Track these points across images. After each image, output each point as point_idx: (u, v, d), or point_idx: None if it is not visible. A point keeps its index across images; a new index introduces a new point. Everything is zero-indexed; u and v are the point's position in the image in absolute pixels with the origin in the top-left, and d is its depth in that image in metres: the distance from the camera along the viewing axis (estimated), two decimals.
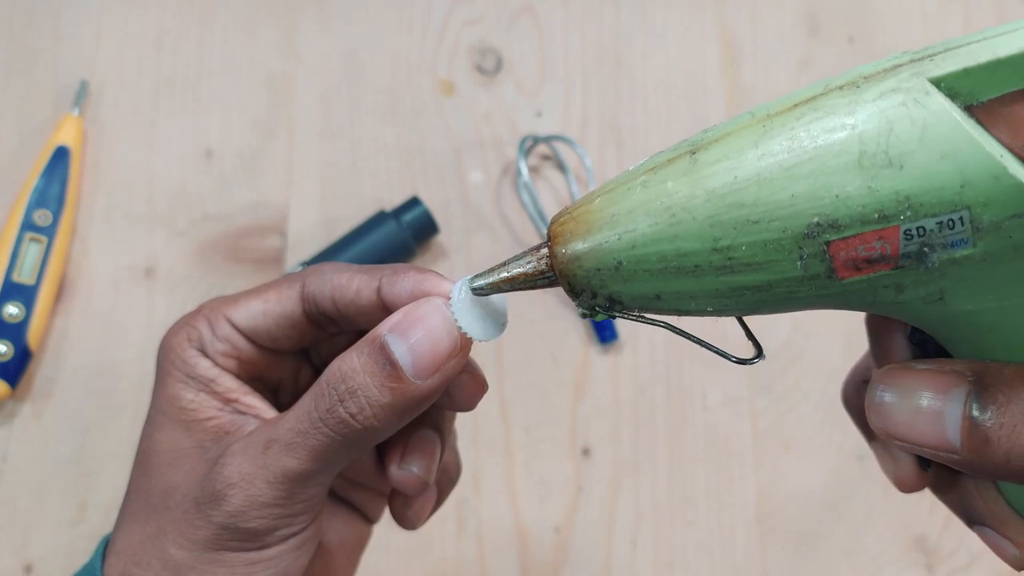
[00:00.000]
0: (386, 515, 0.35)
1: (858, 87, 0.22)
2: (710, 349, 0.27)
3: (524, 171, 0.59)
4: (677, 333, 0.27)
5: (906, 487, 0.28)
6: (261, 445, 0.29)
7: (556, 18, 0.64)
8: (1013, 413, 0.22)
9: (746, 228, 0.23)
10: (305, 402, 0.29)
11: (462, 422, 0.57)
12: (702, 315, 0.25)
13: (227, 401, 0.32)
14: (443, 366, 0.28)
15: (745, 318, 0.26)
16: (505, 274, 0.27)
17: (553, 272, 0.26)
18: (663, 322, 0.27)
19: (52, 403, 0.56)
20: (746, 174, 0.23)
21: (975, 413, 0.23)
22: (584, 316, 0.26)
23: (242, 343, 0.32)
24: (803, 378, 0.59)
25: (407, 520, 0.35)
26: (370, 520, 0.38)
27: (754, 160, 0.22)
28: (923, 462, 0.29)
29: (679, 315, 0.25)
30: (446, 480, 0.37)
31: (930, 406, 0.23)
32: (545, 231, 0.60)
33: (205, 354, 0.32)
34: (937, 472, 0.29)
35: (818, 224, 0.22)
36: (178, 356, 0.32)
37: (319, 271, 0.32)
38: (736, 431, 0.57)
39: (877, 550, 0.56)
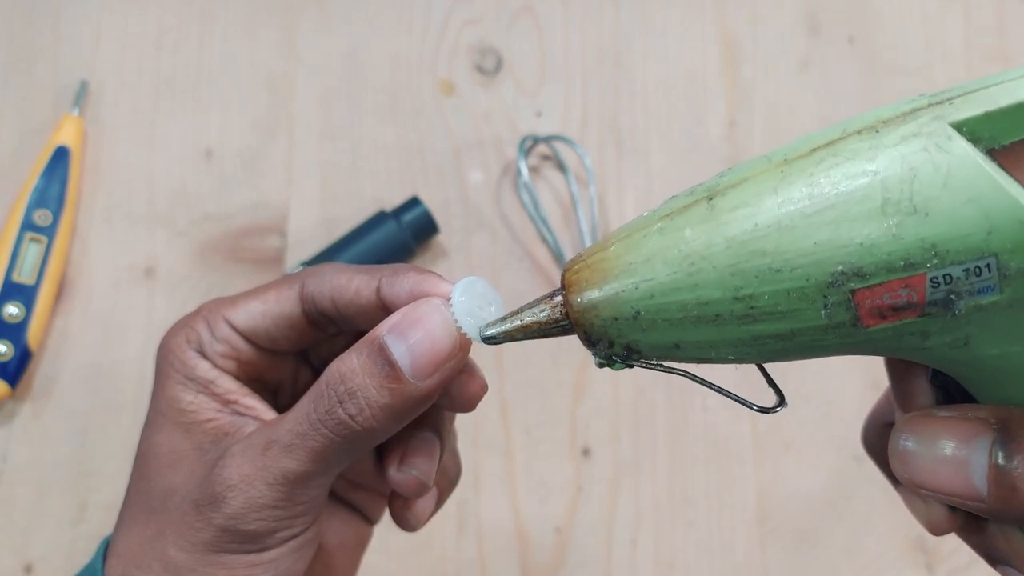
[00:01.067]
0: (386, 516, 0.35)
1: (877, 132, 0.22)
2: (731, 397, 0.27)
3: (524, 171, 0.59)
4: (697, 382, 0.27)
5: (938, 531, 0.28)
6: (260, 447, 0.29)
7: (556, 18, 0.64)
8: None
9: (768, 277, 0.22)
10: (304, 403, 0.29)
11: (462, 423, 0.57)
12: (723, 363, 0.24)
13: (226, 402, 0.32)
14: (442, 366, 0.28)
15: (766, 365, 0.26)
16: (518, 322, 0.27)
17: (568, 321, 0.26)
18: (682, 371, 0.26)
19: (52, 403, 0.56)
20: (766, 221, 0.22)
21: (1001, 462, 0.22)
22: (601, 366, 0.26)
23: (241, 344, 0.32)
24: (803, 379, 0.59)
25: (407, 522, 0.35)
26: (370, 521, 0.38)
27: (774, 207, 0.22)
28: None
29: (699, 363, 0.25)
30: (446, 482, 0.37)
31: (955, 455, 0.23)
32: (545, 232, 0.60)
33: (204, 355, 0.32)
34: (963, 515, 0.28)
35: (843, 272, 0.22)
36: (177, 357, 0.32)
37: (318, 272, 0.32)
38: (736, 431, 0.58)
39: (877, 550, 0.56)
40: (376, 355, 0.28)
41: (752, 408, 0.27)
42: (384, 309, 0.30)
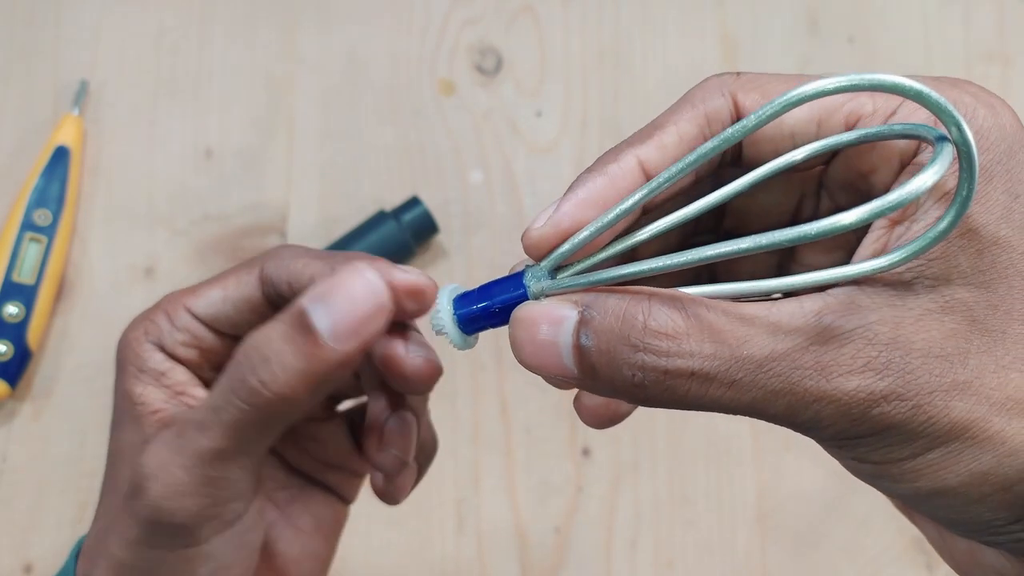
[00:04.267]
0: (387, 517, 0.35)
1: None
2: None
3: None
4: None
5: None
6: (177, 430, 0.28)
7: (556, 18, 0.64)
8: (608, 339, 0.24)
9: None
10: (219, 378, 0.28)
11: (462, 422, 0.57)
12: None
13: (176, 394, 0.32)
14: (361, 330, 0.27)
15: None
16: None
17: None
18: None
19: (52, 403, 0.56)
20: None
21: (583, 341, 0.24)
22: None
23: (203, 332, 0.32)
24: None
25: (389, 496, 0.35)
26: (346, 500, 0.38)
27: None
28: None
29: None
30: (424, 456, 0.37)
31: (546, 338, 0.25)
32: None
33: (162, 347, 0.32)
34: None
35: None
36: (132, 351, 0.32)
37: (278, 255, 0.32)
38: (736, 431, 0.58)
39: (877, 550, 0.56)
40: (294, 321, 0.27)
41: None
42: None
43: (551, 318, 0.25)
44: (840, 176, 0.27)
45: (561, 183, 0.61)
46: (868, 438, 0.23)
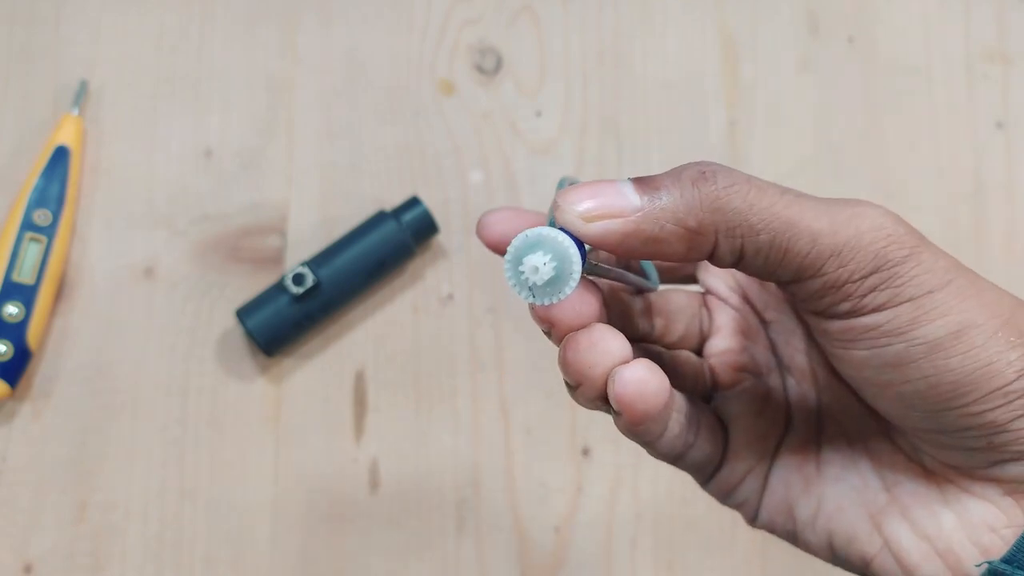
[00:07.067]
0: (387, 517, 0.35)
1: None
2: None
3: None
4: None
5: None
6: None
7: (556, 18, 0.64)
8: (669, 173, 0.27)
9: None
10: None
11: (462, 422, 0.57)
12: None
13: None
14: None
15: None
16: None
17: None
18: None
19: (52, 403, 0.56)
20: None
21: (640, 189, 0.27)
22: None
23: None
24: None
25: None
26: None
27: None
28: None
29: None
30: None
31: (605, 183, 0.27)
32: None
33: None
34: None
35: None
36: None
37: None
38: None
39: None
40: None
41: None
42: None
43: (605, 183, 0.27)
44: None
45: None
46: (906, 264, 0.27)
